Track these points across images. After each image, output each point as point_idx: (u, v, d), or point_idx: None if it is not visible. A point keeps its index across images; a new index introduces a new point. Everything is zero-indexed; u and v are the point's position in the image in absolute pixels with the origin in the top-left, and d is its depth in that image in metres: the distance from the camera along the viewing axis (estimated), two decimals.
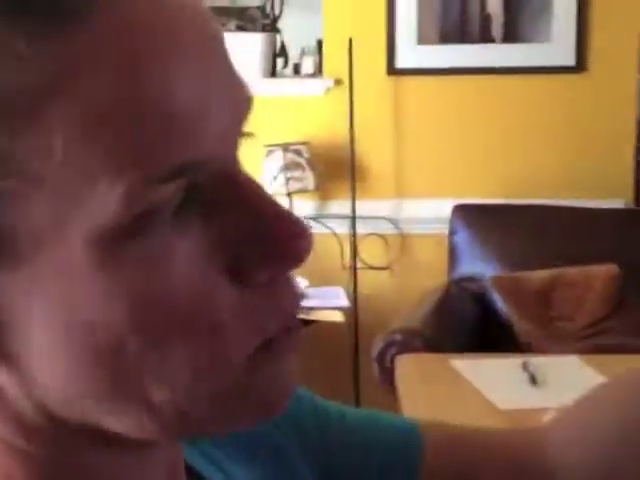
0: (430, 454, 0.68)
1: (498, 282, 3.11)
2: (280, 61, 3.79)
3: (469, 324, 3.06)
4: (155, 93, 0.40)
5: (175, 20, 0.42)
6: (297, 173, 3.45)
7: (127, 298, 0.42)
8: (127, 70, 0.40)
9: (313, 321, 3.21)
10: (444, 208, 3.42)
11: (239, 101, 0.45)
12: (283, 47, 3.83)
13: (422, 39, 3.51)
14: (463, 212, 3.35)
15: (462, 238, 3.33)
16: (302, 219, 0.45)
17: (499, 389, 2.22)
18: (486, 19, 3.50)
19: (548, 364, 2.40)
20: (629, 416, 0.65)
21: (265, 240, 0.44)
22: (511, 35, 3.50)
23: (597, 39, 3.50)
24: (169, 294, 0.42)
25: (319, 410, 0.67)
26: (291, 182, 3.43)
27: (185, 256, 0.43)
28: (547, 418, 0.79)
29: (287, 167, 3.42)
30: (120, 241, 0.41)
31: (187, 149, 0.41)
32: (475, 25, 3.51)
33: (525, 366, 2.35)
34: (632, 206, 3.61)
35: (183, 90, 0.41)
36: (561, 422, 0.69)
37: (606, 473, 0.65)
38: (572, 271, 3.12)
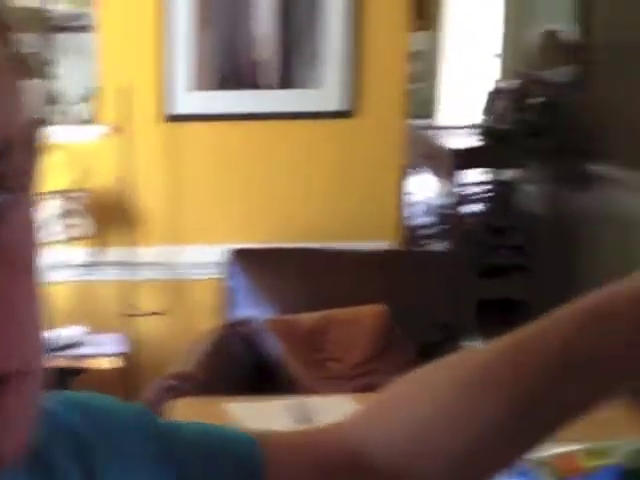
0: (270, 461, 0.69)
1: (271, 325, 3.16)
2: (55, 108, 3.74)
3: (244, 367, 3.09)
4: None
5: None
6: (75, 220, 3.41)
7: None
8: None
9: (89, 368, 3.19)
10: (220, 253, 3.46)
11: None
12: (58, 94, 3.78)
13: (199, 85, 3.55)
14: (239, 257, 3.39)
15: (238, 282, 3.37)
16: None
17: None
18: (261, 65, 3.56)
19: (320, 404, 2.46)
20: (407, 427, 0.71)
21: None
22: (286, 81, 3.58)
23: (367, 85, 3.62)
24: None
25: (160, 429, 0.67)
26: (69, 229, 3.39)
27: None
28: None
29: (65, 214, 3.38)
30: None
31: None
32: (251, 71, 3.56)
33: (298, 407, 2.39)
34: (398, 247, 3.74)
35: None
36: (357, 423, 0.74)
37: (398, 473, 0.70)
38: (342, 312, 3.21)
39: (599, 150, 4.98)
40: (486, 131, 5.46)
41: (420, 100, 7.23)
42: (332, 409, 2.42)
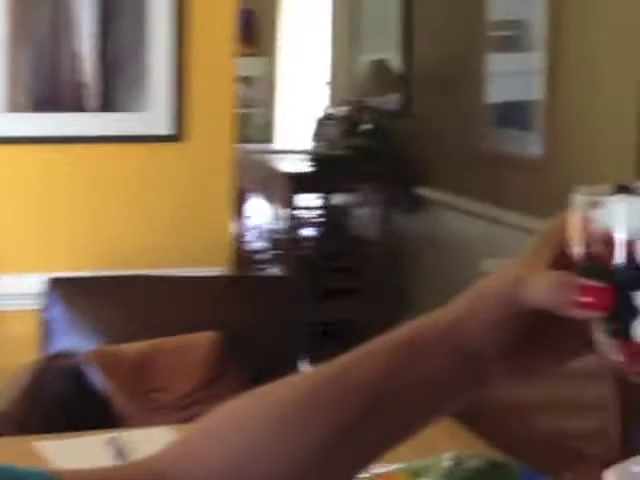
0: None
1: (95, 356, 3.05)
2: None
3: (66, 402, 2.97)
4: None
5: None
6: None
7: None
8: None
9: None
10: (38, 282, 3.31)
11: None
12: None
13: (12, 106, 3.40)
14: (58, 286, 3.27)
15: (58, 313, 3.24)
16: None
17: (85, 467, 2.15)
18: (81, 87, 3.46)
19: (139, 437, 2.38)
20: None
21: None
22: (107, 104, 3.49)
23: (193, 110, 3.56)
24: None
25: None
26: None
27: None
28: None
29: None
30: None
31: None
32: (69, 93, 3.46)
33: (113, 441, 2.31)
34: (232, 273, 3.70)
35: None
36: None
37: None
38: (170, 341, 3.14)
39: (425, 175, 5.17)
40: (319, 156, 5.56)
41: (257, 125, 7.28)
42: (154, 441, 2.33)
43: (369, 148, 5.37)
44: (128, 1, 3.47)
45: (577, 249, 0.64)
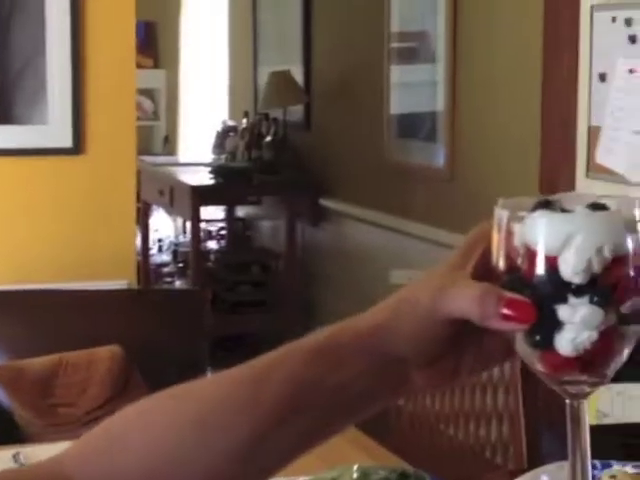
0: None
1: None
2: None
3: None
4: None
5: None
6: None
7: None
8: None
9: None
10: None
11: None
12: None
13: None
14: None
15: None
16: None
17: None
18: None
19: (43, 452, 2.33)
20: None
21: None
22: (5, 116, 3.43)
23: (94, 122, 3.52)
24: None
25: None
26: None
27: None
28: None
29: None
30: None
31: None
32: None
33: (16, 457, 2.27)
34: (135, 286, 3.67)
35: None
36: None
37: None
38: (74, 356, 3.09)
39: (329, 186, 5.20)
40: (223, 169, 5.55)
41: (159, 137, 7.23)
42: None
43: (273, 160, 5.38)
44: (25, 12, 3.41)
45: (500, 262, 0.65)
